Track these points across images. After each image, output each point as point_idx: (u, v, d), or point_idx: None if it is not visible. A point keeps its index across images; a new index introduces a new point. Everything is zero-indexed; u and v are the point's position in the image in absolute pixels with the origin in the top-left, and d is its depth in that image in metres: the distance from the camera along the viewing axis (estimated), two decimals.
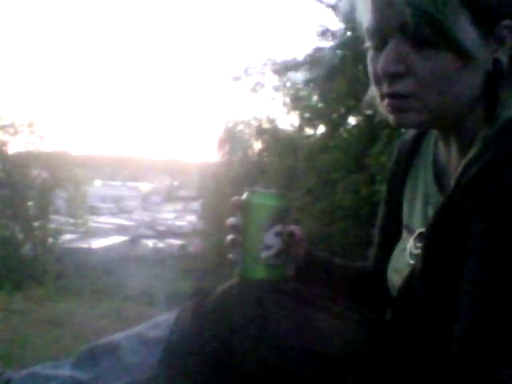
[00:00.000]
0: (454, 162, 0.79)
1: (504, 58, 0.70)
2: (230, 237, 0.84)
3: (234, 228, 0.83)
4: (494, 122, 0.71)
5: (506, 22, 0.69)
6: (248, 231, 0.81)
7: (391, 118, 0.74)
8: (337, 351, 0.64)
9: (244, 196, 0.82)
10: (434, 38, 0.67)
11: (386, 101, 0.73)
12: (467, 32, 0.68)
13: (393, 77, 0.71)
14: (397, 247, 0.89)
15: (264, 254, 0.80)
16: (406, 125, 0.75)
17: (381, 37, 0.71)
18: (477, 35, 0.68)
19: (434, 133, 0.87)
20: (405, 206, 0.91)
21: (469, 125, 0.75)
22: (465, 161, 0.69)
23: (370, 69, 0.75)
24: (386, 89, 0.72)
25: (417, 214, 0.86)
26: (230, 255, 0.84)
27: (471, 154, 0.68)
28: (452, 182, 0.70)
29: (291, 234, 0.84)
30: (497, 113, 0.72)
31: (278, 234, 0.80)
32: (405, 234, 0.89)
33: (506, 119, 0.70)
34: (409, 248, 0.83)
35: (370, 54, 0.75)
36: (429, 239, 0.73)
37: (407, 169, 0.91)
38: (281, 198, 0.82)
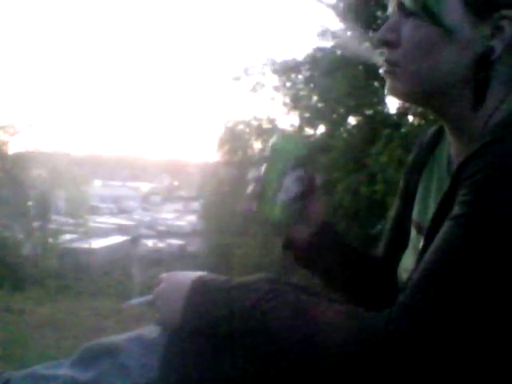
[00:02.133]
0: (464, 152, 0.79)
1: (498, 47, 0.70)
2: (251, 186, 0.86)
3: (256, 178, 0.85)
4: (481, 111, 0.73)
5: (506, 12, 0.70)
6: (269, 172, 0.83)
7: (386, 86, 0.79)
8: (336, 344, 0.64)
9: (272, 138, 0.84)
10: (415, 10, 0.72)
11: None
12: (452, 10, 0.70)
13: (386, 45, 0.76)
14: (408, 247, 0.89)
15: (281, 196, 0.82)
16: (392, 93, 0.78)
17: (390, 9, 0.77)
18: (465, 16, 0.70)
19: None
20: (416, 203, 0.91)
21: (470, 120, 0.75)
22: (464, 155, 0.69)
23: None
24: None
25: (430, 212, 0.86)
26: (254, 206, 0.86)
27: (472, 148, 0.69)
28: None
29: (311, 180, 0.86)
30: (489, 104, 0.73)
31: (298, 179, 0.83)
32: (413, 231, 0.89)
33: (507, 114, 0.70)
34: (420, 247, 0.83)
35: None
36: (428, 235, 0.73)
37: (424, 165, 0.91)
38: (302, 144, 0.84)
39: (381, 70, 0.78)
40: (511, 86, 0.73)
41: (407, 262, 0.87)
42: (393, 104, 8.09)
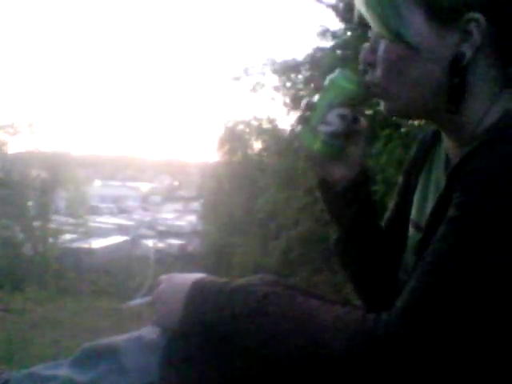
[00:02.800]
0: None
1: (468, 51, 0.70)
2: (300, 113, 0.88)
3: (308, 106, 0.87)
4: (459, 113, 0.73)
5: (471, 15, 0.69)
6: (318, 103, 0.86)
7: None
8: (337, 346, 0.64)
9: (333, 73, 0.87)
10: (382, 32, 0.73)
11: None
12: (417, 25, 0.71)
13: (367, 66, 0.77)
14: (407, 247, 0.89)
15: (321, 128, 0.84)
16: (384, 112, 0.79)
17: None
18: (430, 28, 0.71)
19: None
20: (415, 202, 0.91)
21: (463, 123, 0.75)
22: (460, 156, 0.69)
23: None
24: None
25: (427, 212, 0.85)
26: (299, 127, 0.88)
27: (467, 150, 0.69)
28: None
29: (354, 121, 0.87)
30: (481, 106, 0.73)
31: (342, 117, 0.84)
32: (411, 231, 0.89)
33: (502, 114, 0.70)
34: (418, 248, 0.83)
35: None
36: (425, 236, 0.73)
37: (423, 164, 0.91)
38: (360, 85, 0.84)
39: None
40: (502, 86, 0.73)
41: (406, 262, 0.87)
42: None
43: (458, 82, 0.72)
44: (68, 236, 18.63)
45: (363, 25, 0.80)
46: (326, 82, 0.86)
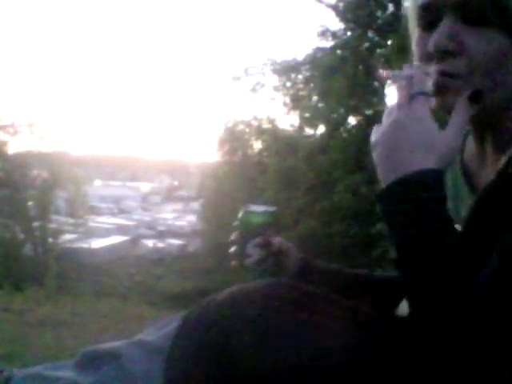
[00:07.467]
0: (490, 161, 0.77)
1: None
2: (232, 249, 1.01)
3: (234, 242, 1.00)
4: None
5: None
6: (238, 243, 1.01)
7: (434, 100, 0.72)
8: (335, 362, 0.64)
9: (240, 212, 1.02)
10: (492, 16, 0.66)
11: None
12: None
13: (444, 54, 0.70)
14: None
15: (246, 262, 0.98)
16: (447, 107, 0.71)
17: (434, 13, 0.70)
18: None
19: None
20: None
21: (506, 122, 0.74)
22: (508, 154, 0.68)
23: (415, 50, 0.75)
24: (434, 67, 0.71)
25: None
26: (233, 263, 1.02)
27: None
28: (484, 182, 0.71)
29: (265, 245, 0.98)
30: None
31: (257, 246, 0.98)
32: None
33: None
34: None
35: (416, 35, 0.75)
36: (465, 234, 0.72)
37: None
38: (263, 215, 1.01)
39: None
40: None
41: None
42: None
43: None
44: (68, 236, 18.61)
45: (363, 25, 0.80)
46: (237, 222, 1.01)
